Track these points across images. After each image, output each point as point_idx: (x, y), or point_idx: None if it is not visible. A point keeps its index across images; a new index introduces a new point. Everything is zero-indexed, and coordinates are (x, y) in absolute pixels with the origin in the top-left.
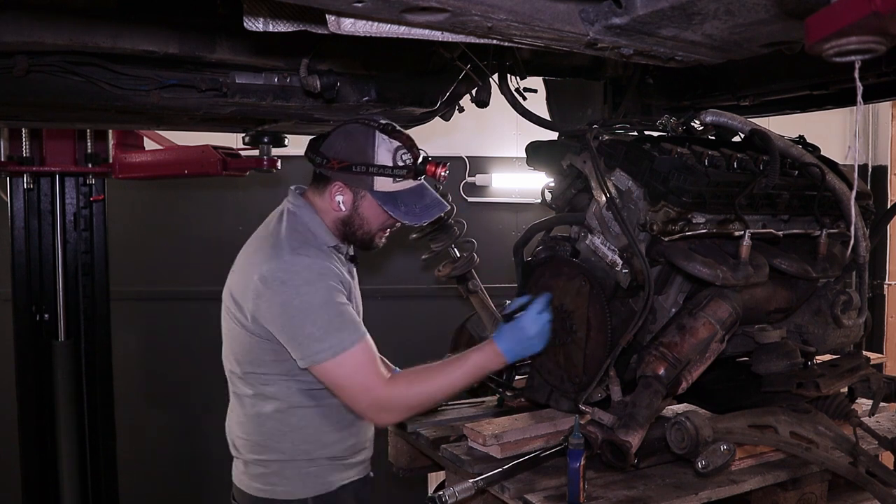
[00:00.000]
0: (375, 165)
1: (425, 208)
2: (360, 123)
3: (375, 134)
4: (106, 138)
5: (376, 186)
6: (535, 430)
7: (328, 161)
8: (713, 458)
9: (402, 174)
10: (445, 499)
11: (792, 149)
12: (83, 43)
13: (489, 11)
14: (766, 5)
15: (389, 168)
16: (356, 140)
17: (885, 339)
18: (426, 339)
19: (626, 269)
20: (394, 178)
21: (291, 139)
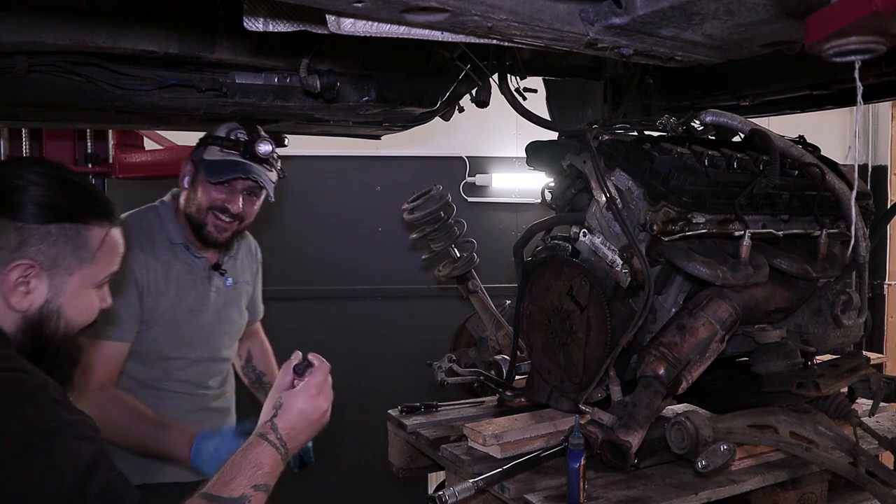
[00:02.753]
0: (212, 136)
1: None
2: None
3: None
4: (106, 138)
5: (206, 155)
6: (535, 430)
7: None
8: (713, 458)
9: (230, 146)
10: (445, 499)
11: (792, 149)
12: (83, 43)
13: (489, 11)
14: (766, 5)
15: (221, 138)
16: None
17: (885, 339)
18: (426, 339)
19: (626, 269)
20: (222, 147)
21: (291, 139)
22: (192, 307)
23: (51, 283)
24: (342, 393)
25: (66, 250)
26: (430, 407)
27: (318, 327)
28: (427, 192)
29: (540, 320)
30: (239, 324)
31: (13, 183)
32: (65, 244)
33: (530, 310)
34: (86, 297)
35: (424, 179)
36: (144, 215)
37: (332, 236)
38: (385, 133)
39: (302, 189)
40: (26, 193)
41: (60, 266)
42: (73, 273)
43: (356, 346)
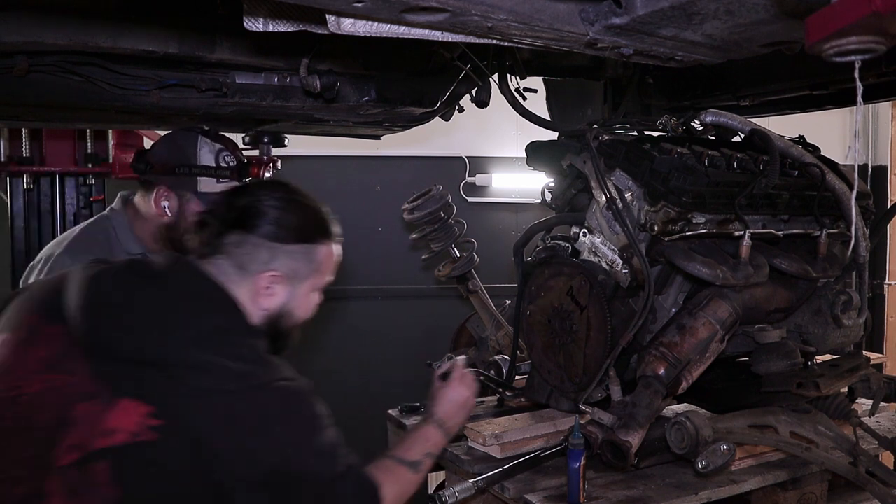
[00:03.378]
0: (199, 166)
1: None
2: (184, 130)
3: (198, 137)
4: (106, 138)
5: (201, 187)
6: (535, 430)
7: (151, 167)
8: (713, 458)
9: (226, 175)
10: (445, 499)
11: (792, 149)
12: (83, 43)
13: (489, 11)
14: (766, 5)
15: (213, 168)
16: (178, 144)
17: (885, 339)
18: (426, 339)
19: (626, 269)
20: (217, 178)
21: (291, 139)
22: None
23: (289, 290)
24: (342, 393)
25: (302, 264)
26: None
27: (319, 327)
28: (427, 192)
29: (540, 320)
30: None
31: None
32: (301, 260)
33: (530, 310)
34: (310, 299)
35: (424, 179)
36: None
37: None
38: (385, 133)
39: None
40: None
41: (296, 277)
42: (305, 282)
43: (356, 346)
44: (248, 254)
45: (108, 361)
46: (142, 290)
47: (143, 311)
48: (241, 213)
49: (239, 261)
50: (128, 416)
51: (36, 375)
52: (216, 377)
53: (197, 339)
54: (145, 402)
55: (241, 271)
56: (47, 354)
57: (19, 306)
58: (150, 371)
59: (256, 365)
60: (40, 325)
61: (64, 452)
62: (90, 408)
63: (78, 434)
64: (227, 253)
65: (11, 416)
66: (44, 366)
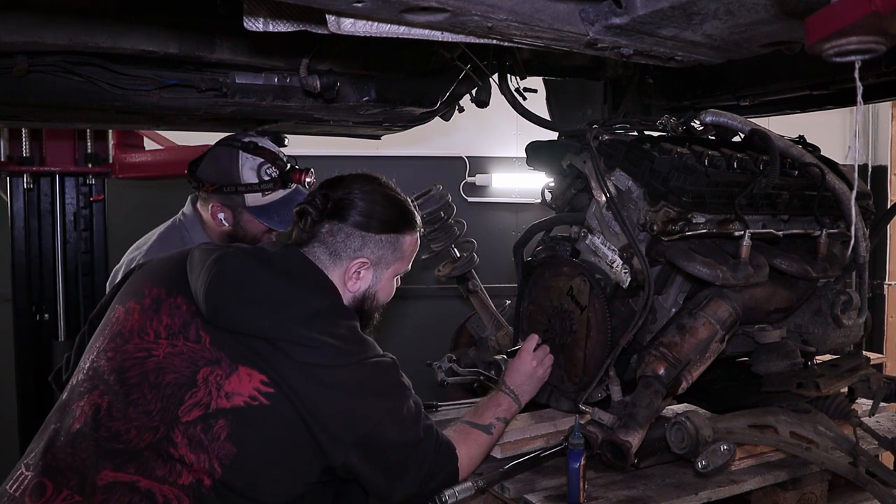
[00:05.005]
0: (243, 184)
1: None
2: (225, 145)
3: (239, 154)
4: (106, 138)
5: (248, 202)
6: (535, 430)
7: (202, 185)
8: (713, 458)
9: (270, 187)
10: (445, 499)
11: (792, 149)
12: (83, 43)
13: (489, 11)
14: (766, 5)
15: (256, 184)
16: (221, 163)
17: (885, 339)
18: (426, 339)
19: (626, 269)
20: (262, 192)
21: (291, 139)
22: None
23: (374, 275)
24: None
25: (388, 252)
26: (430, 407)
27: None
28: (427, 192)
29: (540, 320)
30: None
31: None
32: (387, 248)
33: (530, 310)
34: (392, 284)
35: (424, 179)
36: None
37: None
38: (385, 133)
39: None
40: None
41: (382, 263)
42: (389, 268)
43: None
44: (342, 242)
45: (227, 333)
46: (259, 273)
47: (259, 290)
48: (336, 205)
49: (333, 248)
50: (245, 382)
51: (163, 340)
52: (321, 352)
53: (305, 319)
54: (260, 371)
55: (333, 257)
56: (171, 322)
57: (140, 279)
58: (263, 344)
59: (354, 343)
60: (163, 296)
61: (188, 409)
62: (213, 372)
63: (201, 394)
64: (322, 241)
65: (138, 374)
66: (170, 332)
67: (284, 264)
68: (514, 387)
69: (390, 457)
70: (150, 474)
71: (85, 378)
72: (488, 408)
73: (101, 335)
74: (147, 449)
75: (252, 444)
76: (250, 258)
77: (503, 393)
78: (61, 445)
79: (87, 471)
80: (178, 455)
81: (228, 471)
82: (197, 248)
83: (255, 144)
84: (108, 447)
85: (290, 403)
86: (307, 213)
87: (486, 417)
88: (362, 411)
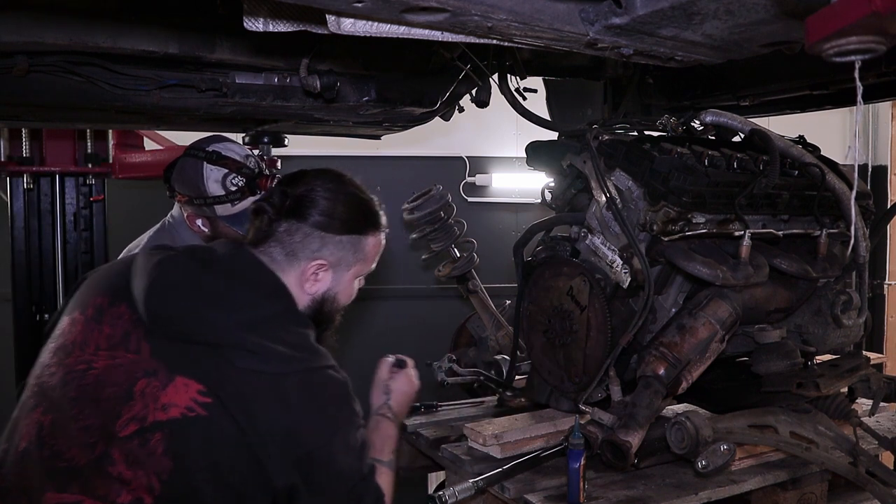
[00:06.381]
0: (210, 197)
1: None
2: (190, 156)
3: (203, 166)
4: (106, 138)
5: (219, 213)
6: (535, 430)
7: (175, 195)
8: (713, 458)
9: (237, 197)
10: (445, 499)
11: (792, 149)
12: (83, 43)
13: (489, 11)
14: (766, 5)
15: (223, 196)
16: (188, 175)
17: (885, 339)
18: (426, 339)
19: (626, 269)
20: (230, 202)
21: (291, 139)
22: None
23: (333, 277)
24: None
25: (349, 254)
26: (430, 407)
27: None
28: (427, 192)
29: (540, 320)
30: None
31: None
32: (348, 250)
33: (530, 310)
34: (353, 286)
35: (424, 179)
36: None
37: None
38: (385, 133)
39: None
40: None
41: (342, 265)
42: (350, 270)
43: (356, 346)
44: (299, 242)
45: (167, 340)
46: (201, 275)
47: (200, 294)
48: (294, 203)
49: (290, 248)
50: (182, 392)
51: (103, 352)
52: (265, 359)
53: (249, 324)
54: (198, 381)
55: (290, 258)
56: (112, 332)
57: (87, 288)
58: (205, 351)
59: (304, 351)
60: (106, 305)
61: (125, 424)
62: (150, 384)
63: (138, 408)
64: (279, 240)
65: (77, 388)
66: (110, 343)
67: (230, 265)
68: (398, 411)
69: (334, 486)
70: (93, 493)
71: (31, 394)
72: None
73: (47, 349)
74: (87, 467)
75: (189, 458)
76: (193, 261)
77: (390, 421)
78: (10, 466)
79: (34, 492)
80: (116, 472)
81: (167, 487)
82: (141, 253)
83: (219, 154)
84: (52, 466)
85: (228, 414)
86: (263, 211)
87: (387, 453)
88: (309, 427)
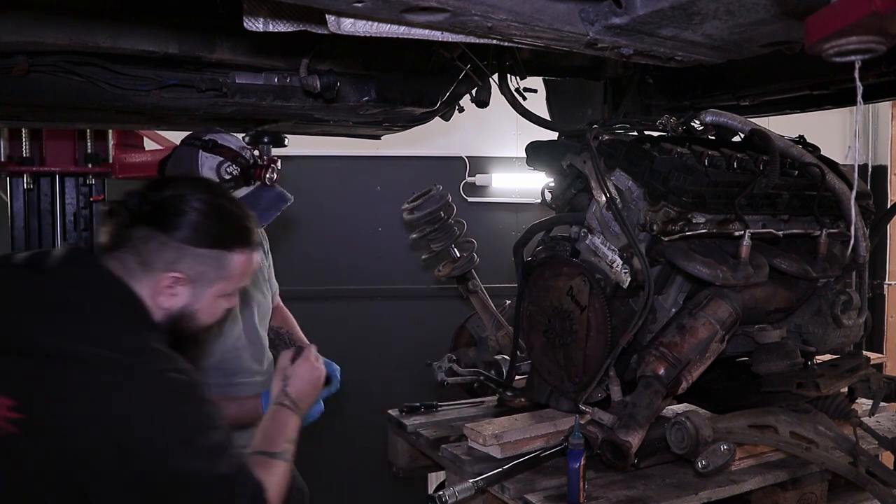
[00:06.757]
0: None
1: (262, 212)
2: (185, 145)
3: (198, 154)
4: (106, 138)
5: None
6: (535, 430)
7: None
8: (713, 458)
9: (231, 186)
10: (445, 499)
11: (792, 149)
12: (83, 43)
13: (489, 11)
14: (766, 5)
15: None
16: (183, 164)
17: (885, 339)
18: (426, 339)
19: (626, 269)
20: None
21: (291, 139)
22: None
23: (192, 293)
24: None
25: (210, 269)
26: (430, 407)
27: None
28: (427, 192)
29: (540, 320)
30: (265, 304)
31: (180, 207)
32: (210, 265)
33: (530, 310)
34: (216, 304)
35: (424, 179)
36: None
37: (331, 236)
38: (385, 133)
39: (302, 189)
40: (189, 218)
41: (202, 281)
42: (211, 286)
43: (356, 346)
44: (155, 251)
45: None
46: (25, 283)
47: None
48: (153, 208)
49: (144, 257)
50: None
51: None
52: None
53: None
54: (8, 396)
55: (144, 267)
56: None
57: None
58: (22, 363)
59: (140, 355)
60: None
61: None
62: None
63: None
64: (133, 247)
65: None
66: None
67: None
68: (299, 398)
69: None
70: None
71: None
72: (278, 431)
73: None
74: None
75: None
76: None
77: (287, 409)
78: None
79: None
80: None
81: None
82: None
83: (215, 143)
84: None
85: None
86: (116, 214)
87: (279, 444)
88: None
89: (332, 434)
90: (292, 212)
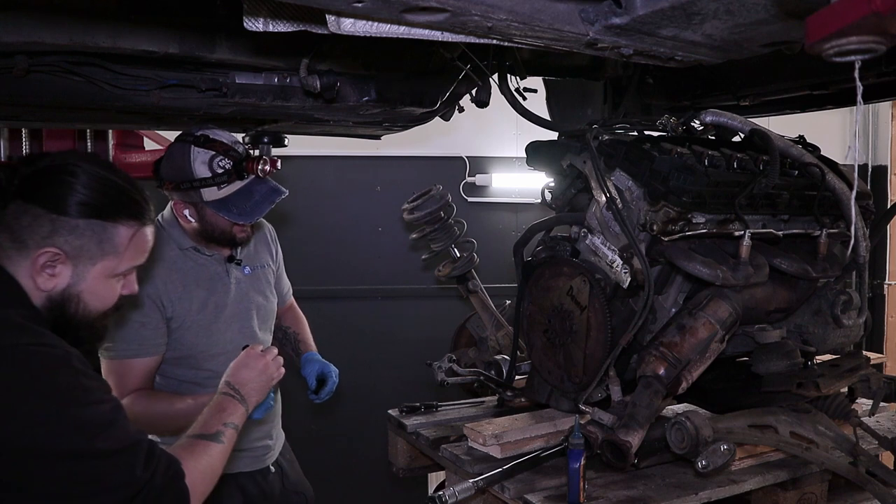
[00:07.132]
0: (196, 179)
1: (255, 205)
2: (179, 141)
3: (191, 149)
4: (106, 138)
5: (205, 197)
6: (535, 430)
7: (163, 183)
8: (713, 458)
9: (224, 180)
10: (445, 499)
11: (792, 149)
12: (83, 43)
13: (489, 11)
14: (766, 5)
15: (209, 178)
16: (176, 159)
17: (885, 339)
18: (426, 339)
19: (626, 269)
20: (217, 185)
21: (291, 139)
22: (217, 303)
23: (74, 271)
24: (342, 393)
25: (92, 243)
26: (430, 407)
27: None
28: (427, 192)
29: (540, 320)
30: (267, 307)
31: (58, 177)
32: (90, 238)
33: (530, 310)
34: (106, 285)
35: (424, 179)
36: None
37: (331, 236)
38: (385, 133)
39: (302, 189)
40: (66, 188)
41: (84, 256)
42: (96, 264)
43: (356, 346)
44: (27, 227)
45: None
46: None
47: None
48: (23, 181)
49: (17, 234)
50: None
51: None
52: None
53: None
54: None
55: (18, 245)
56: None
57: None
58: None
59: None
60: None
61: None
62: None
63: None
64: (7, 225)
65: None
66: None
67: None
68: (239, 386)
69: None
70: None
71: None
72: (213, 415)
73: None
74: None
75: None
76: None
77: (227, 396)
78: None
79: None
80: None
81: None
82: None
83: (207, 137)
84: None
85: None
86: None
87: (213, 426)
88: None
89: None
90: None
